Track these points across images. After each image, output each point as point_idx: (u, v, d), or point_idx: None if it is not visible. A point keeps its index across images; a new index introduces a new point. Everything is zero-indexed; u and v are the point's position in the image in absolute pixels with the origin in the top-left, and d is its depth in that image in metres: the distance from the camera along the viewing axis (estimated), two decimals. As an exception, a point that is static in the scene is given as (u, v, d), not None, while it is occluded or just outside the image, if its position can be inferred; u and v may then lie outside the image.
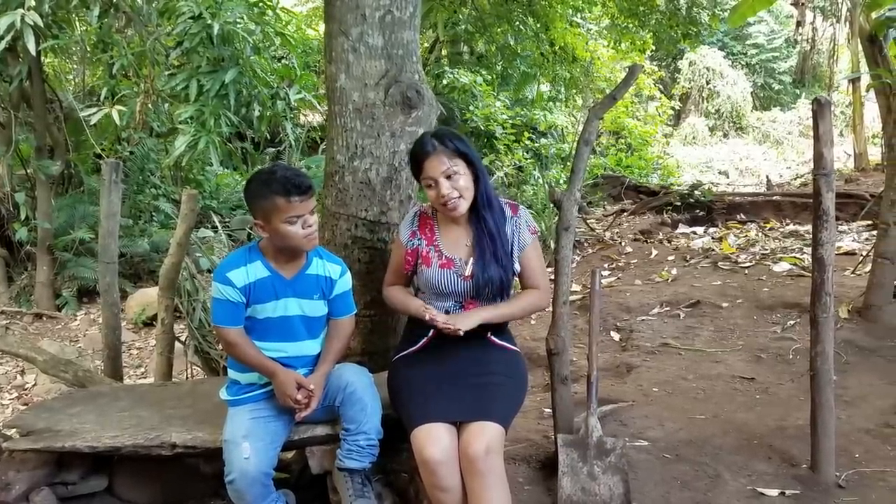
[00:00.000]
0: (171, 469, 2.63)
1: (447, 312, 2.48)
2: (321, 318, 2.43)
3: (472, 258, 2.45)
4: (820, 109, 2.68)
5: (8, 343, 3.53)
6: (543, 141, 12.13)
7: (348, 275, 2.47)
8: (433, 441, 2.17)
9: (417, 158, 2.40)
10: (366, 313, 2.80)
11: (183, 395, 2.83)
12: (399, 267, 2.54)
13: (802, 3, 13.09)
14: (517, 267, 2.49)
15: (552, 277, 2.79)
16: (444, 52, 11.58)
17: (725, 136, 22.37)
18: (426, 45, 10.91)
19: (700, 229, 8.58)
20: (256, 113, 5.85)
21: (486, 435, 2.18)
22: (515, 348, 2.58)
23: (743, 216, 8.98)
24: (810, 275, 2.83)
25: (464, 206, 2.41)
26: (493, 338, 2.53)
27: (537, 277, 2.54)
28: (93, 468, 2.56)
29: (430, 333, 2.49)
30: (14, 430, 2.50)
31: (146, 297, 6.75)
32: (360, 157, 2.72)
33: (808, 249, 6.41)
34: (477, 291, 2.44)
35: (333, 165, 2.78)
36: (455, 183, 2.36)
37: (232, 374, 2.40)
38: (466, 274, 2.44)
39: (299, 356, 2.38)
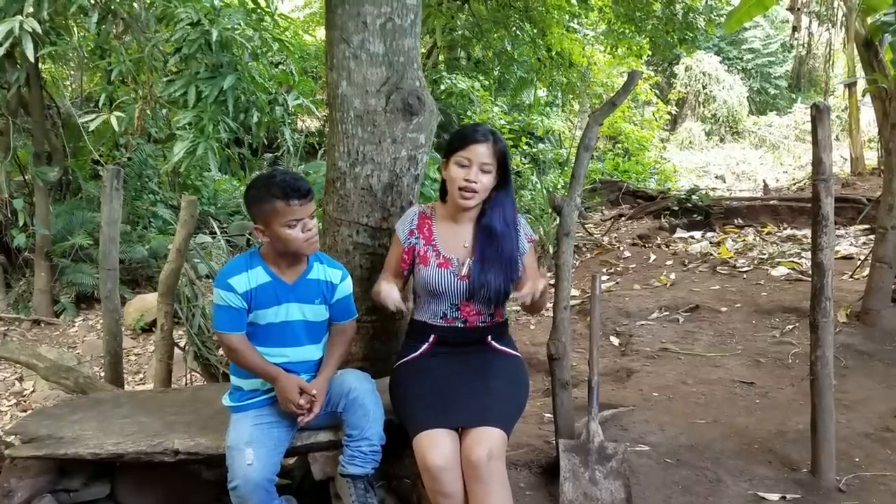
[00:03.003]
0: (173, 476, 2.63)
1: (444, 316, 2.49)
2: (323, 323, 2.44)
3: (469, 259, 2.47)
4: (819, 115, 2.70)
5: (9, 349, 3.52)
6: (541, 146, 12.18)
7: (349, 279, 2.47)
8: (435, 447, 2.17)
9: (466, 139, 2.40)
10: (367, 319, 2.80)
11: (184, 401, 2.82)
12: (396, 265, 2.54)
13: (798, 9, 13.13)
14: (521, 267, 2.51)
15: (553, 282, 2.80)
16: (441, 58, 11.61)
17: (722, 140, 22.42)
18: (423, 50, 10.93)
19: (698, 234, 8.59)
20: (255, 119, 5.85)
21: (488, 440, 2.18)
22: (517, 353, 2.59)
23: (740, 221, 9.00)
24: (808, 279, 2.85)
25: (475, 202, 2.43)
26: (494, 343, 2.54)
27: None
28: (95, 475, 2.56)
29: (431, 339, 2.50)
30: (16, 436, 2.50)
31: (144, 304, 6.74)
32: (361, 163, 2.72)
33: (806, 254, 6.44)
34: (472, 293, 2.45)
35: (335, 172, 2.78)
36: (483, 178, 2.39)
37: (234, 380, 2.40)
38: (462, 274, 2.45)
39: (302, 361, 2.38)
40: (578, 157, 2.85)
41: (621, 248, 8.09)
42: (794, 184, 14.13)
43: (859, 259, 6.07)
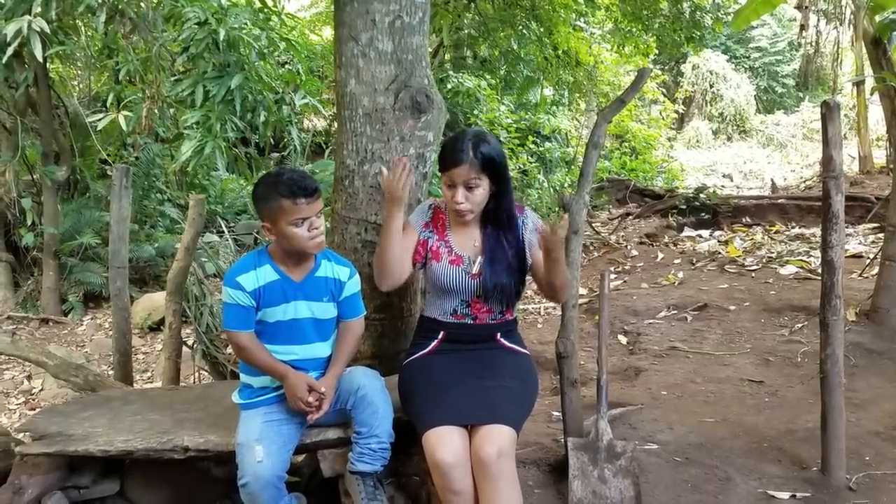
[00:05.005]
0: (182, 472, 2.63)
1: (454, 312, 2.50)
2: (331, 321, 2.43)
3: (480, 256, 2.47)
4: (829, 113, 2.69)
5: (19, 348, 3.54)
6: (548, 145, 12.15)
7: (357, 277, 2.47)
8: (445, 444, 2.17)
9: (448, 161, 2.39)
10: (376, 317, 2.80)
11: (194, 398, 2.83)
12: (410, 250, 2.51)
13: (806, 7, 13.09)
14: (530, 261, 2.50)
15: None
16: (447, 57, 11.59)
17: (729, 139, 22.38)
18: (430, 49, 10.93)
19: (705, 232, 8.58)
20: (262, 118, 5.86)
21: (497, 438, 2.18)
22: (525, 351, 2.59)
23: (748, 219, 8.98)
24: (817, 277, 2.84)
25: (472, 216, 2.45)
26: (503, 340, 2.54)
27: None
28: (105, 472, 2.56)
29: (441, 336, 2.50)
30: (26, 434, 2.51)
31: (152, 302, 6.77)
32: (369, 161, 2.72)
33: (815, 252, 6.42)
34: (486, 293, 2.45)
35: (343, 170, 2.78)
36: (471, 194, 2.39)
37: (244, 377, 2.40)
38: (474, 272, 2.45)
39: (310, 359, 2.38)
40: (587, 154, 2.85)
41: (629, 247, 8.08)
42: (802, 182, 14.09)
43: (868, 258, 6.05)
